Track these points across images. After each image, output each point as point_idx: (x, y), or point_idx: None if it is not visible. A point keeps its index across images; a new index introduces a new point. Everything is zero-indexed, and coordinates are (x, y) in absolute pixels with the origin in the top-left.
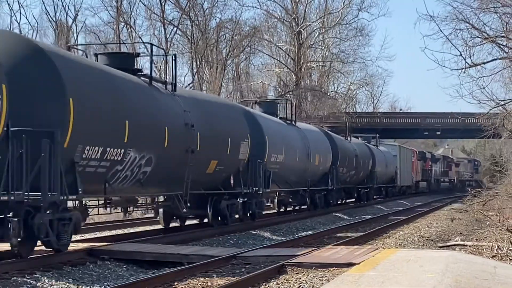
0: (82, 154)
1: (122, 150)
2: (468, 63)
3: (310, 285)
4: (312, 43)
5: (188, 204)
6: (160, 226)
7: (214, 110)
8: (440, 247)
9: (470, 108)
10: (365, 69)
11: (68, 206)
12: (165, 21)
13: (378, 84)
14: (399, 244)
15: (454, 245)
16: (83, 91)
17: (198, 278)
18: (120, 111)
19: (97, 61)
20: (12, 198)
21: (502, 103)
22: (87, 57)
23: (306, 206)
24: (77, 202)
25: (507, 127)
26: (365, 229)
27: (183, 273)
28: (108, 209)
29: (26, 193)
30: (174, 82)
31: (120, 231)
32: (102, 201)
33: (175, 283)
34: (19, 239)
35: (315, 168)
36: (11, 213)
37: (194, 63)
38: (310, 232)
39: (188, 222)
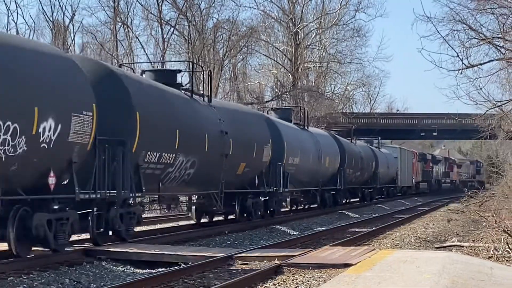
0: (144, 158)
1: (174, 155)
2: (465, 64)
3: (307, 285)
4: (309, 43)
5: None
6: (158, 226)
7: (242, 118)
8: (437, 248)
9: (467, 109)
10: (362, 70)
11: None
12: (162, 21)
13: (375, 84)
14: (396, 245)
15: (451, 246)
16: (145, 106)
17: (194, 278)
18: (172, 122)
19: (142, 75)
20: (99, 196)
21: (499, 104)
22: (134, 72)
23: (316, 205)
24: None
25: (504, 128)
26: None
27: (180, 274)
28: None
29: (108, 191)
30: (209, 94)
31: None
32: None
33: (172, 284)
34: (101, 229)
35: (325, 170)
36: (95, 208)
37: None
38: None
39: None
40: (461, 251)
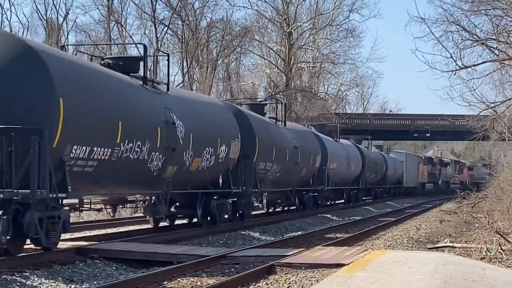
0: (258, 166)
1: (271, 164)
2: (458, 65)
3: (300, 285)
4: (302, 44)
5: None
6: (150, 226)
7: (304, 135)
8: (429, 248)
9: (460, 110)
10: (356, 70)
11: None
12: (156, 20)
13: (368, 85)
14: (388, 246)
15: (443, 246)
16: (259, 132)
17: (187, 277)
18: (270, 141)
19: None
20: (239, 190)
21: (492, 105)
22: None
23: (343, 201)
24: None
25: (497, 129)
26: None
27: (173, 273)
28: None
29: (243, 187)
30: (285, 120)
31: (109, 230)
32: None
33: (165, 283)
34: (237, 212)
35: (351, 173)
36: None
37: (185, 62)
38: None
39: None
40: (453, 252)
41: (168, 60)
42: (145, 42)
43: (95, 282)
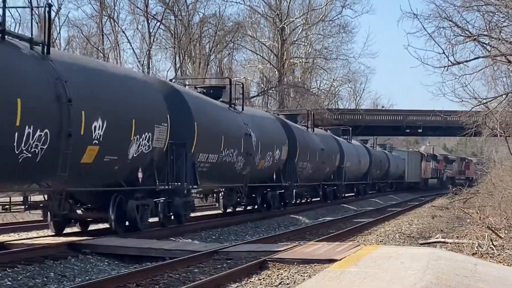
0: (298, 165)
1: (306, 163)
2: (450, 61)
3: (292, 280)
4: (295, 39)
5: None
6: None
7: (327, 139)
8: (421, 244)
9: (452, 106)
10: (348, 66)
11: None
12: (148, 15)
13: (361, 81)
14: (380, 241)
15: (435, 242)
16: (300, 140)
17: (179, 273)
18: (306, 145)
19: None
20: (287, 184)
21: (484, 101)
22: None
23: (353, 194)
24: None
25: (489, 125)
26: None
27: (165, 268)
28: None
29: (289, 182)
30: (313, 126)
31: (102, 226)
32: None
33: (157, 278)
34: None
35: (362, 170)
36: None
37: (177, 58)
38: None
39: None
40: (445, 247)
41: (243, 88)
42: (137, 37)
43: (87, 278)
